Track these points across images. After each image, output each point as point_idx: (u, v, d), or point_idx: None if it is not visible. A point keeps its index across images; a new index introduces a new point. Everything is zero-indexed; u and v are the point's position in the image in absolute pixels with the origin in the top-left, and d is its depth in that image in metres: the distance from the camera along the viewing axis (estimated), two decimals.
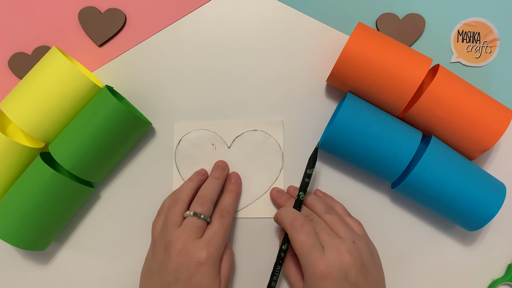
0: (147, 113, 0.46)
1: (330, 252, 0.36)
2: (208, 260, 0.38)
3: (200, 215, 0.40)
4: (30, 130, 0.41)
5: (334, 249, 0.36)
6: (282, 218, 0.40)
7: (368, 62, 0.40)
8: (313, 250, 0.36)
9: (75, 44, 0.47)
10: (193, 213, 0.40)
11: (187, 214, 0.40)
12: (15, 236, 0.40)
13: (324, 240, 0.37)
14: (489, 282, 0.44)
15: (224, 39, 0.47)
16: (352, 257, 0.36)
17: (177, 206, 0.40)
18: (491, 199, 0.39)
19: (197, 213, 0.40)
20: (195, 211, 0.40)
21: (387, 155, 0.40)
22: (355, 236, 0.38)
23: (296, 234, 0.38)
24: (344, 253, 0.36)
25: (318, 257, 0.36)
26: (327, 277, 0.35)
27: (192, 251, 0.38)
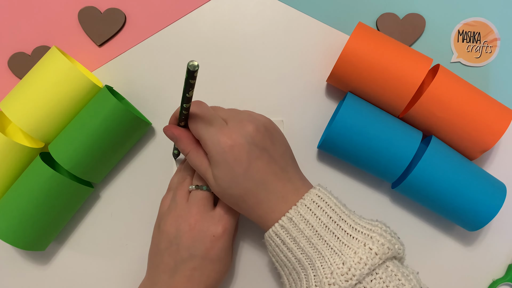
0: (147, 113, 0.46)
1: (232, 123, 0.36)
2: (224, 235, 0.38)
3: (203, 187, 0.39)
4: (30, 130, 0.41)
5: (235, 119, 0.36)
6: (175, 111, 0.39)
7: (368, 62, 0.40)
8: (215, 122, 0.36)
9: (75, 44, 0.47)
10: (195, 186, 0.40)
11: (190, 188, 0.40)
12: (15, 236, 0.40)
13: (224, 115, 0.37)
14: (489, 282, 0.44)
15: (224, 39, 0.47)
16: (254, 123, 0.36)
17: (184, 181, 0.41)
18: (491, 199, 0.39)
19: (200, 185, 0.40)
20: (197, 184, 0.40)
21: (387, 155, 0.40)
22: (250, 112, 0.38)
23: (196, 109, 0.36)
24: (246, 122, 0.36)
25: (221, 129, 0.35)
26: (234, 146, 0.35)
27: (206, 226, 0.38)
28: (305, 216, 0.34)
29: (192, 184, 0.40)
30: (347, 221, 0.34)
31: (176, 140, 0.38)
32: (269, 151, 0.36)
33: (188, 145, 0.38)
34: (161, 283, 0.38)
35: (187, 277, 0.37)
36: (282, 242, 0.35)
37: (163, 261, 0.38)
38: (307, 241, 0.34)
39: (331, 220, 0.34)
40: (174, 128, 0.38)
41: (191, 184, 0.40)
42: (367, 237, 0.33)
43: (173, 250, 0.38)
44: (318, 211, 0.34)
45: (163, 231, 0.39)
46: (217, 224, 0.38)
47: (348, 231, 0.34)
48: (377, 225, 0.34)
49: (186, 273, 0.37)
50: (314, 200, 0.35)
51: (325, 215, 0.34)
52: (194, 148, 0.38)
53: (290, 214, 0.35)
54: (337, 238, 0.33)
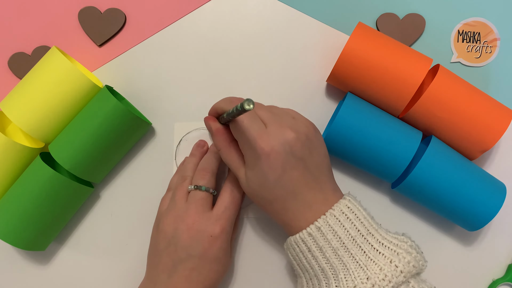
0: (147, 113, 0.46)
1: (272, 127, 0.35)
2: (221, 234, 0.38)
3: (202, 187, 0.39)
4: (30, 130, 0.41)
5: (276, 124, 0.35)
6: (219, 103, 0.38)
7: (368, 62, 0.40)
8: (253, 125, 0.34)
9: (75, 44, 0.47)
10: (194, 186, 0.40)
11: (189, 188, 0.40)
12: (15, 236, 0.40)
13: (264, 117, 0.35)
14: (489, 282, 0.44)
15: (224, 39, 0.47)
16: (295, 131, 0.35)
17: (185, 181, 0.41)
18: (491, 199, 0.39)
19: (199, 185, 0.40)
20: (196, 185, 0.40)
21: (387, 155, 0.40)
22: (293, 114, 0.37)
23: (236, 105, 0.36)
24: (287, 128, 0.34)
25: (260, 132, 0.34)
26: (271, 153, 0.34)
27: (204, 226, 0.38)
28: (334, 227, 0.34)
29: (191, 184, 0.40)
30: (374, 235, 0.34)
31: (212, 135, 0.39)
32: (306, 161, 0.35)
33: (222, 142, 0.38)
34: (160, 283, 0.38)
35: (185, 277, 0.37)
36: (307, 249, 0.35)
37: (162, 261, 0.38)
38: (333, 251, 0.34)
39: (359, 233, 0.34)
40: (213, 122, 0.39)
41: (190, 184, 0.40)
42: (393, 253, 0.33)
43: (171, 250, 0.38)
44: (346, 223, 0.34)
45: (162, 231, 0.39)
46: (215, 224, 0.38)
47: (375, 245, 0.34)
48: (403, 240, 0.34)
49: (184, 273, 0.37)
50: (344, 211, 0.35)
51: (353, 228, 0.34)
52: (227, 146, 0.38)
53: (319, 223, 0.34)
54: (363, 252, 0.33)
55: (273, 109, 0.37)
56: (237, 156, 0.38)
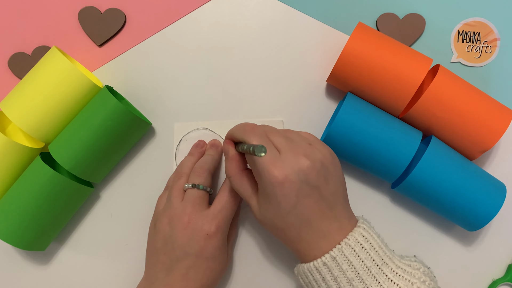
0: (147, 113, 0.46)
1: (286, 154, 0.34)
2: (217, 233, 0.38)
3: (199, 186, 0.40)
4: (30, 130, 0.41)
5: (290, 151, 0.34)
6: (232, 130, 0.38)
7: (368, 62, 0.40)
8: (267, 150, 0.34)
9: (75, 44, 0.47)
10: (191, 185, 0.40)
11: (186, 187, 0.40)
12: (15, 236, 0.40)
13: (278, 144, 0.35)
14: (489, 282, 0.44)
15: (224, 39, 0.47)
16: (310, 159, 0.33)
17: (180, 179, 0.41)
18: (491, 199, 0.39)
19: (196, 184, 0.40)
20: (193, 183, 0.40)
21: (387, 155, 0.40)
22: (310, 139, 0.36)
23: (248, 137, 0.35)
24: (301, 156, 0.33)
25: (273, 160, 0.33)
26: (285, 181, 0.33)
27: (200, 224, 0.38)
28: (349, 257, 0.33)
29: (188, 183, 0.40)
30: (389, 264, 0.34)
31: (227, 160, 0.38)
32: (321, 189, 0.34)
33: (234, 169, 0.38)
34: (157, 282, 0.38)
35: (182, 276, 0.37)
36: (322, 278, 0.34)
37: (159, 260, 0.38)
38: (347, 282, 0.33)
39: (374, 263, 0.34)
40: (231, 147, 0.38)
41: (186, 183, 0.40)
42: (408, 284, 0.33)
43: (169, 249, 0.38)
44: (362, 253, 0.34)
45: (159, 231, 0.39)
46: (211, 223, 0.38)
47: (389, 276, 0.33)
48: (416, 267, 0.34)
49: (181, 271, 0.37)
50: (359, 241, 0.34)
51: (368, 258, 0.34)
52: (239, 174, 0.38)
53: (334, 253, 0.33)
54: (378, 283, 0.33)
55: (288, 134, 0.36)
56: (249, 185, 0.37)
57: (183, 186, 0.40)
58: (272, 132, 0.36)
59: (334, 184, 0.35)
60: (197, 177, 0.40)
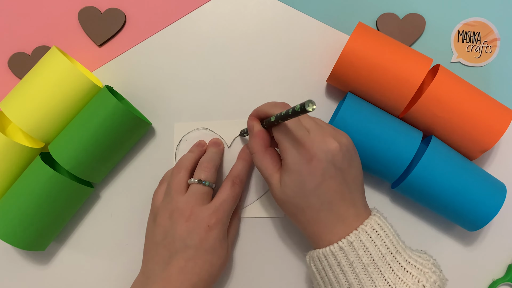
0: (147, 113, 0.46)
1: (315, 134, 0.35)
2: (217, 224, 0.38)
3: (205, 182, 0.40)
4: (30, 130, 0.41)
5: (319, 132, 0.35)
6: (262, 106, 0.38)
7: (368, 62, 0.40)
8: (297, 130, 0.35)
9: (75, 44, 0.47)
10: (197, 180, 0.39)
11: (191, 181, 0.40)
12: (15, 236, 0.40)
13: (307, 124, 0.35)
14: (489, 282, 0.44)
15: (224, 39, 0.47)
16: (338, 141, 0.35)
17: (180, 173, 0.40)
18: (491, 199, 0.39)
19: (202, 180, 0.40)
20: (199, 178, 0.40)
21: (387, 155, 0.40)
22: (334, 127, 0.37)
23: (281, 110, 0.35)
24: (330, 137, 0.35)
25: (303, 137, 0.34)
26: (313, 159, 0.34)
27: (201, 217, 0.38)
28: (365, 243, 0.34)
29: (194, 178, 0.40)
30: (402, 254, 0.34)
31: (251, 136, 0.38)
32: (344, 173, 0.35)
33: (258, 146, 0.38)
34: (154, 276, 0.38)
35: (180, 268, 0.37)
36: (337, 263, 0.34)
37: (158, 253, 0.38)
38: (363, 268, 0.34)
39: (388, 251, 0.34)
40: (256, 123, 0.38)
41: (186, 177, 0.40)
42: (420, 273, 0.33)
43: (169, 242, 0.38)
44: (377, 240, 0.34)
45: (159, 224, 0.39)
46: (211, 215, 0.38)
47: (403, 264, 0.34)
48: (427, 259, 0.35)
49: (180, 264, 0.37)
50: (375, 228, 0.34)
51: (383, 245, 0.34)
52: (262, 151, 0.37)
53: (351, 238, 0.34)
54: (392, 270, 0.33)
55: (315, 119, 0.37)
56: (271, 162, 0.37)
57: (183, 180, 0.40)
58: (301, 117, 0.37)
59: (355, 169, 0.36)
60: (204, 172, 0.40)
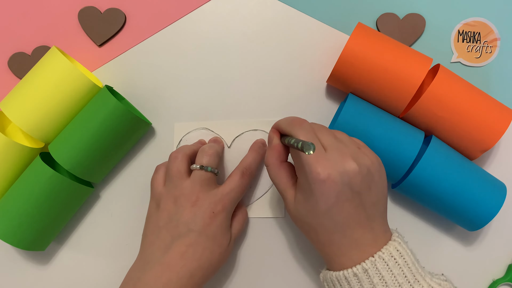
0: (147, 113, 0.46)
1: (333, 153, 0.32)
2: (222, 212, 0.38)
3: (207, 167, 0.39)
4: (30, 130, 0.41)
5: (337, 151, 0.33)
6: (280, 122, 0.37)
7: (368, 63, 0.40)
8: None
9: (75, 44, 0.47)
10: (199, 166, 0.39)
11: (193, 167, 0.39)
12: (15, 236, 0.40)
13: (325, 141, 0.33)
14: (489, 282, 0.44)
15: (224, 39, 0.47)
16: (357, 162, 0.32)
17: (179, 158, 0.40)
18: (491, 199, 0.39)
19: (204, 166, 0.39)
20: (201, 164, 0.39)
21: (390, 155, 0.40)
22: (360, 144, 0.35)
23: (295, 130, 0.34)
24: (348, 158, 0.32)
25: (318, 156, 0.32)
26: (327, 180, 0.31)
27: (207, 203, 0.38)
28: (381, 271, 0.32)
29: (195, 164, 0.40)
30: (421, 282, 0.33)
31: (268, 148, 0.38)
32: (362, 196, 0.33)
33: (273, 158, 0.37)
34: (153, 261, 0.37)
35: (181, 253, 0.37)
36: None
37: (160, 237, 0.38)
38: None
39: (406, 280, 0.32)
40: (276, 137, 0.38)
41: (187, 162, 0.40)
42: None
43: (172, 226, 0.38)
44: (395, 268, 0.32)
45: (163, 209, 0.39)
46: (218, 202, 0.38)
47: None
48: (446, 287, 0.33)
49: (181, 249, 0.37)
50: (393, 255, 0.32)
51: (401, 274, 0.32)
52: (277, 165, 0.37)
53: (366, 265, 0.32)
54: None
55: (338, 134, 0.36)
56: (286, 176, 0.36)
57: (184, 164, 0.40)
58: (320, 129, 0.35)
59: (376, 194, 0.34)
60: (205, 157, 0.40)
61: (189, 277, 0.36)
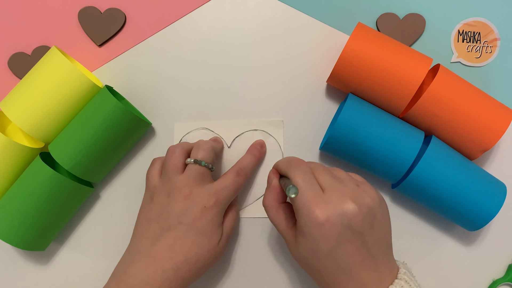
0: (147, 113, 0.46)
1: (331, 194, 0.32)
2: (214, 207, 0.38)
3: (201, 162, 0.39)
4: (30, 130, 0.41)
5: (336, 192, 0.32)
6: (279, 163, 0.37)
7: (368, 63, 0.40)
8: (309, 189, 0.32)
9: (75, 44, 0.47)
10: (193, 160, 0.39)
11: (188, 161, 0.39)
12: (15, 236, 0.40)
13: (323, 182, 0.33)
14: (489, 282, 0.44)
15: (224, 39, 0.47)
16: (357, 202, 0.31)
17: (176, 152, 0.40)
18: (491, 199, 0.39)
19: (198, 160, 0.39)
20: (196, 158, 0.39)
21: (390, 155, 0.40)
22: (359, 180, 0.35)
23: (292, 172, 0.34)
24: (347, 198, 0.32)
25: (316, 198, 0.31)
26: (326, 223, 0.31)
27: (200, 197, 0.38)
28: None
29: (190, 158, 0.40)
30: None
31: (267, 189, 0.37)
32: (364, 236, 0.32)
33: (271, 200, 0.36)
34: (140, 253, 0.37)
35: (168, 246, 0.37)
36: None
37: (149, 230, 0.38)
38: None
39: None
40: (275, 178, 0.37)
41: (183, 156, 0.40)
42: None
43: (163, 218, 0.38)
44: None
45: (157, 202, 0.39)
46: (210, 197, 0.38)
47: None
48: None
49: (169, 242, 0.37)
50: None
51: None
52: (276, 206, 0.36)
53: None
54: None
55: (336, 172, 0.35)
56: (285, 218, 0.36)
57: (180, 158, 0.40)
58: (318, 169, 0.35)
59: (379, 231, 0.33)
60: (200, 151, 0.40)
61: (175, 270, 0.36)
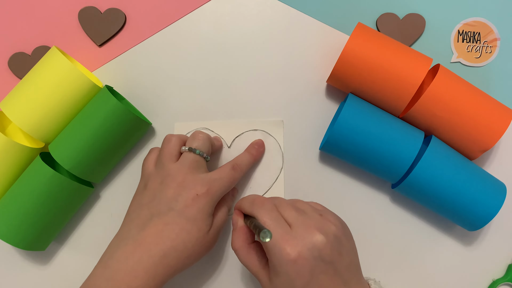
0: (147, 113, 0.46)
1: (298, 229, 0.32)
2: (206, 196, 0.38)
3: (196, 150, 0.39)
4: (30, 130, 0.41)
5: (302, 226, 0.33)
6: (241, 202, 0.37)
7: (368, 63, 0.40)
8: (277, 227, 0.33)
9: (75, 44, 0.47)
10: (188, 148, 0.39)
11: (183, 149, 0.40)
12: (15, 236, 0.40)
13: (288, 217, 0.34)
14: (489, 282, 0.44)
15: (224, 39, 0.47)
16: (323, 233, 0.32)
17: (172, 141, 0.40)
18: (491, 199, 0.39)
19: (193, 148, 0.39)
20: (190, 146, 0.40)
21: (390, 155, 0.40)
22: (320, 209, 0.35)
23: (257, 211, 0.34)
24: (314, 230, 0.32)
25: (284, 236, 0.32)
26: (298, 259, 0.31)
27: (193, 184, 0.38)
28: None
29: (185, 146, 0.40)
30: None
31: (234, 231, 0.37)
32: (335, 264, 0.32)
33: (241, 242, 0.36)
34: (128, 237, 0.37)
35: (157, 231, 0.36)
36: None
37: (140, 215, 0.38)
38: None
39: None
40: (239, 219, 0.37)
41: (179, 145, 0.40)
42: None
43: (155, 204, 0.38)
44: None
45: (149, 188, 0.39)
46: (203, 185, 0.38)
47: None
48: None
49: (158, 227, 0.37)
50: None
51: None
52: (246, 247, 0.36)
53: None
54: None
55: (298, 205, 0.36)
56: (257, 258, 0.36)
57: (176, 147, 0.40)
58: (282, 205, 0.35)
59: (347, 256, 0.34)
60: (195, 140, 0.40)
61: (162, 256, 0.36)
